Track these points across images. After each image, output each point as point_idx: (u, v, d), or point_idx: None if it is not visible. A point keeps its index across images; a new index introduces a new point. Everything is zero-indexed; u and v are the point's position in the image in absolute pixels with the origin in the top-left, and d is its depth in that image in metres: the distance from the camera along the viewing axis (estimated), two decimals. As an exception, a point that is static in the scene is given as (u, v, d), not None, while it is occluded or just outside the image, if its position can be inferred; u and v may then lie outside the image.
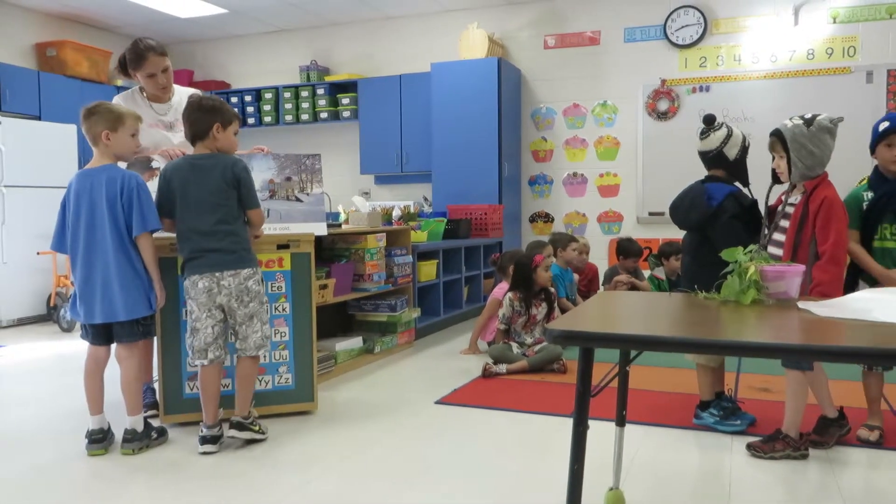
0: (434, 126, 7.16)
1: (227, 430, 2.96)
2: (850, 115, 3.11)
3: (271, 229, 3.41)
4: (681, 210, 3.15)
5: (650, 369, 4.09)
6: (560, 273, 5.36)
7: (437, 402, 3.62)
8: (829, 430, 2.86)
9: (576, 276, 5.77)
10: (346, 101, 7.87)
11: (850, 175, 2.96)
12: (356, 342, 4.53)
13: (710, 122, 3.13)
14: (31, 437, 3.17)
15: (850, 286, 2.82)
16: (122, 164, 3.12)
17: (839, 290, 2.60)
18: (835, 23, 6.41)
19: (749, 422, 3.09)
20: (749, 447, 2.80)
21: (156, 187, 3.16)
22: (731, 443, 2.94)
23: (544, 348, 4.30)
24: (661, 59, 6.95)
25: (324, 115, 7.97)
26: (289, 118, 8.10)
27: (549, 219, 7.50)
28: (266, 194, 3.52)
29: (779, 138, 2.78)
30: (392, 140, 7.64)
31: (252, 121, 8.22)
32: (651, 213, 6.91)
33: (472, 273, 6.30)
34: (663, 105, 6.91)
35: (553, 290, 4.77)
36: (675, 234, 3.37)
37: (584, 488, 1.62)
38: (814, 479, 2.59)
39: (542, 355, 4.25)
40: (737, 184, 3.13)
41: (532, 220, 7.58)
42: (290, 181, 3.60)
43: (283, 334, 3.34)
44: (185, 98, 3.56)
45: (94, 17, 7.78)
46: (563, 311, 5.14)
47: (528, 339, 4.51)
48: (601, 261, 6.73)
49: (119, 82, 7.65)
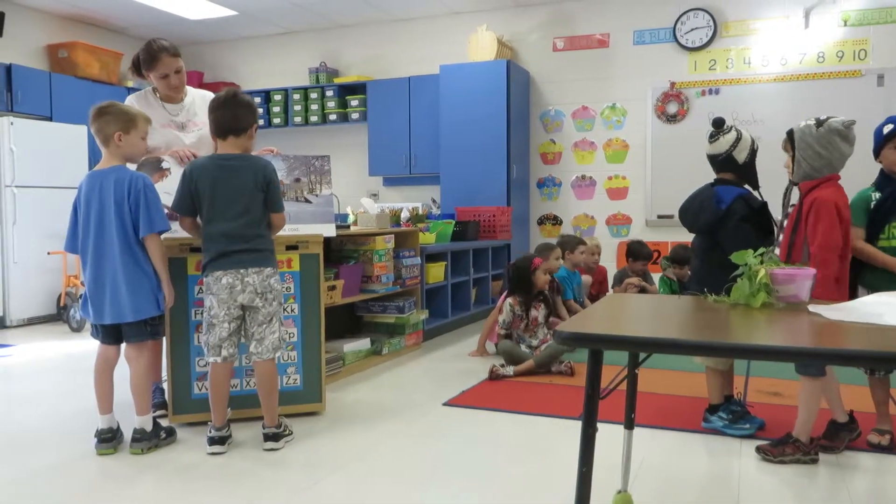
0: (442, 128, 7.17)
1: (264, 444, 2.94)
2: (860, 118, 3.08)
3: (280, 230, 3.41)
4: (690, 213, 3.14)
5: (659, 372, 4.08)
6: (567, 275, 5.35)
7: (444, 404, 3.62)
8: (840, 435, 2.85)
9: (588, 278, 5.77)
10: (354, 102, 7.89)
11: (861, 178, 2.93)
12: (364, 343, 4.53)
13: (719, 125, 3.12)
14: (41, 436, 3.19)
15: (849, 292, 2.79)
16: (132, 166, 3.14)
17: (832, 292, 2.57)
18: (846, 25, 6.38)
19: (758, 425, 3.07)
20: (759, 451, 2.79)
21: (165, 188, 3.17)
22: (740, 447, 2.92)
23: (548, 346, 4.32)
24: (670, 62, 6.94)
25: (333, 117, 7.99)
26: (298, 120, 8.12)
27: (557, 221, 7.50)
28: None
29: (789, 137, 2.83)
30: (401, 142, 7.65)
31: (261, 122, 8.24)
32: (660, 216, 6.89)
33: (480, 275, 6.30)
34: (672, 108, 6.90)
35: (547, 292, 4.76)
36: (683, 238, 3.36)
37: (592, 491, 1.61)
38: (823, 484, 2.58)
39: (546, 352, 4.27)
40: (746, 187, 3.12)
41: (540, 222, 7.57)
42: (300, 182, 3.60)
43: (291, 335, 3.35)
44: (197, 99, 3.59)
45: (105, 18, 7.84)
46: (571, 312, 5.15)
47: (534, 342, 4.51)
48: (610, 263, 6.71)
49: (130, 83, 7.69)
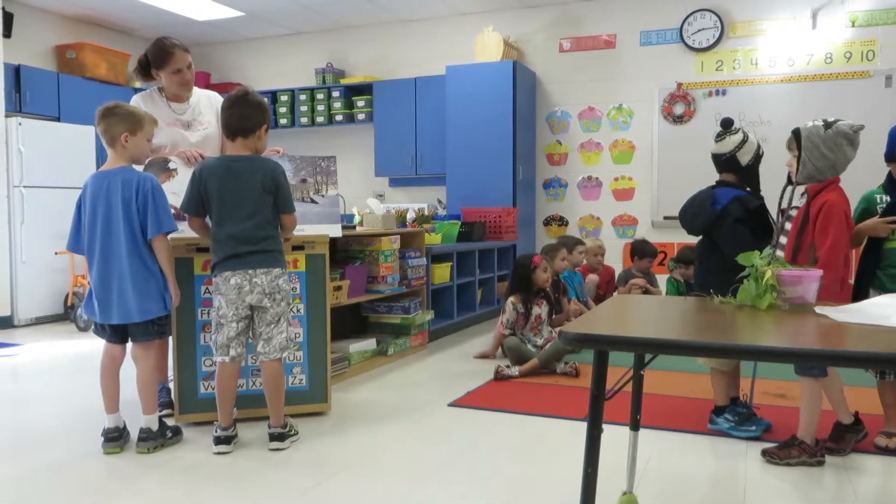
0: (448, 129, 7.17)
1: (269, 444, 2.95)
2: (868, 119, 3.08)
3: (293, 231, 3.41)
4: (688, 215, 3.15)
5: (665, 374, 4.07)
6: (569, 275, 5.36)
7: (449, 405, 3.62)
8: (846, 437, 2.84)
9: (594, 278, 5.77)
10: (361, 103, 7.90)
11: (866, 180, 2.92)
12: (370, 344, 4.54)
13: (727, 125, 3.11)
14: (48, 435, 3.20)
15: (858, 296, 2.78)
16: (138, 166, 3.15)
17: (837, 294, 2.56)
18: (853, 26, 6.35)
19: (764, 427, 3.06)
20: (764, 453, 2.78)
21: (172, 189, 3.18)
22: (745, 449, 2.92)
23: (552, 344, 4.33)
24: (677, 63, 6.92)
25: (339, 118, 8.00)
26: (304, 120, 8.14)
27: (563, 222, 7.49)
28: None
29: (795, 136, 2.81)
30: (407, 142, 7.66)
31: (268, 122, 8.26)
32: (666, 217, 6.87)
33: (485, 276, 6.30)
34: (679, 109, 6.88)
35: (549, 290, 4.76)
36: (689, 239, 3.35)
37: (598, 492, 1.61)
38: (829, 487, 2.57)
39: (550, 348, 4.28)
40: (748, 189, 3.11)
41: (546, 223, 7.56)
42: (306, 183, 3.61)
43: (297, 335, 3.35)
44: (202, 99, 3.60)
45: (113, 20, 7.87)
46: (576, 313, 5.14)
47: (539, 340, 4.51)
48: (616, 264, 6.70)
49: (137, 84, 7.70)
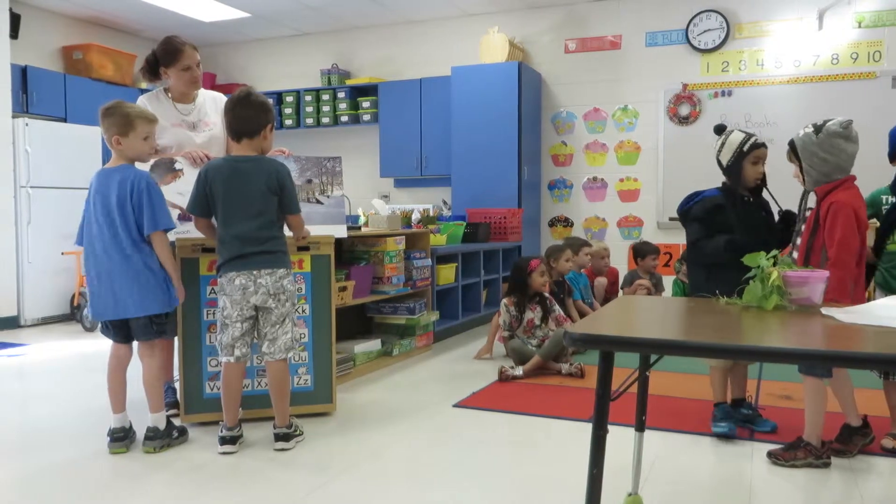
0: (454, 130, 7.17)
1: (274, 444, 2.95)
2: (874, 120, 3.07)
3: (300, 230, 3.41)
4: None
5: (670, 374, 4.06)
6: (574, 276, 5.36)
7: (454, 406, 3.62)
8: (853, 439, 2.83)
9: (603, 280, 5.76)
10: (366, 104, 7.91)
11: (873, 181, 2.91)
12: (375, 344, 4.54)
13: (718, 132, 3.13)
14: (54, 434, 3.21)
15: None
16: (146, 165, 3.16)
17: (848, 294, 2.55)
18: (860, 27, 6.33)
19: (733, 431, 3.04)
20: (770, 455, 2.77)
21: (178, 189, 3.19)
22: (751, 450, 2.91)
23: (549, 340, 4.34)
24: (682, 64, 6.91)
25: (344, 119, 8.01)
26: (309, 121, 8.15)
27: (568, 223, 7.48)
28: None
29: (791, 148, 2.81)
30: (412, 143, 7.66)
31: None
32: (671, 219, 6.84)
33: (490, 277, 6.29)
34: (685, 110, 6.87)
35: (548, 295, 4.75)
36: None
37: (603, 493, 1.61)
38: (835, 489, 2.56)
39: (550, 343, 4.29)
40: (723, 188, 3.11)
41: (551, 224, 7.56)
42: (311, 183, 3.62)
43: (302, 336, 3.35)
44: (208, 99, 3.61)
45: (120, 21, 7.90)
46: (581, 314, 5.14)
47: (533, 342, 4.51)
48: (621, 265, 6.68)
49: (144, 84, 7.73)
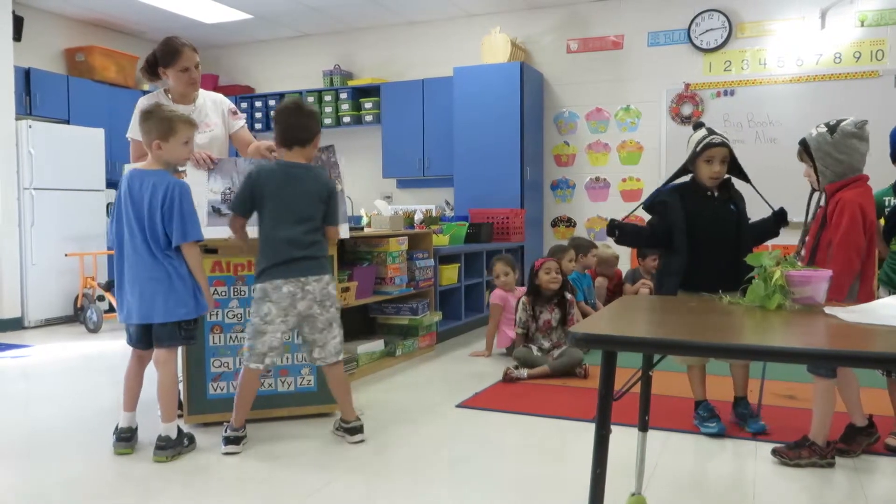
0: (456, 130, 7.18)
1: (348, 438, 3.00)
2: (877, 119, 3.05)
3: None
4: None
5: (673, 374, 4.04)
6: (578, 277, 5.35)
7: (458, 406, 3.62)
8: (857, 439, 2.82)
9: (604, 280, 5.76)
10: (368, 105, 7.91)
11: (875, 181, 2.89)
12: (378, 345, 4.54)
13: (695, 128, 3.09)
14: (58, 435, 3.22)
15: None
16: (182, 167, 3.16)
17: (843, 291, 2.54)
18: (863, 26, 6.32)
19: (725, 428, 3.06)
20: (774, 452, 2.77)
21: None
22: (755, 449, 2.91)
23: (564, 352, 4.28)
24: (684, 64, 6.91)
25: (347, 120, 8.02)
26: (312, 122, 8.13)
27: (571, 223, 7.48)
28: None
29: (804, 147, 2.78)
30: (414, 144, 7.67)
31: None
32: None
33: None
34: (687, 109, 6.87)
35: (571, 295, 4.73)
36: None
37: (606, 493, 1.61)
38: (840, 488, 2.55)
39: (563, 360, 4.22)
40: (673, 183, 3.12)
41: (554, 224, 7.56)
42: None
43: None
44: (208, 101, 3.60)
45: (122, 23, 7.92)
46: (583, 314, 5.13)
47: (546, 343, 4.49)
48: (624, 266, 6.66)
49: (146, 86, 7.75)
